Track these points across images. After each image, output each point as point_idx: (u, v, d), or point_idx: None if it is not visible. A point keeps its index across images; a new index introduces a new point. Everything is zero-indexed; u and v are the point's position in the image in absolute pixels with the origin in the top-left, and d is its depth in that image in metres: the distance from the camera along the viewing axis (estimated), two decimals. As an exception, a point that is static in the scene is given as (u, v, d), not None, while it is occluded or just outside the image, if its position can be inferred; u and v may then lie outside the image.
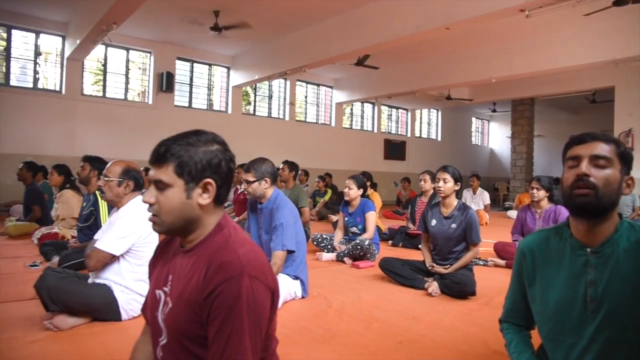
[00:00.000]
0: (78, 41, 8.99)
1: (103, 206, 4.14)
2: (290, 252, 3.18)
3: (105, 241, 2.65)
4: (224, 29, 8.94)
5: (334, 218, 7.54)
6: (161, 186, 1.25)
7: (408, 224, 6.59)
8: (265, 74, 11.06)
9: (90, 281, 2.80)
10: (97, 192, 4.23)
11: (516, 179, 15.88)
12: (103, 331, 2.64)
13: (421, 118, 18.65)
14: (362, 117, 16.37)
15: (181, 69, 11.84)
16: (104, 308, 2.68)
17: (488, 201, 9.85)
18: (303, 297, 3.47)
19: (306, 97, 14.63)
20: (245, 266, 1.18)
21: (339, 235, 5.33)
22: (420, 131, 18.57)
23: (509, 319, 1.77)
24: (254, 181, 3.35)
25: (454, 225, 3.82)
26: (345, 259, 4.93)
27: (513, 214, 11.07)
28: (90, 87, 11.14)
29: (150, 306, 1.38)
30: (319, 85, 14.67)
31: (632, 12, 7.88)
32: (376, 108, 16.51)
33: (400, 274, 3.99)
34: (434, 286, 3.70)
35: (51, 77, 10.50)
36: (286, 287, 3.28)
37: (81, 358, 2.33)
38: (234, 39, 9.74)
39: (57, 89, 10.35)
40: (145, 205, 2.73)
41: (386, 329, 2.86)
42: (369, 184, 6.87)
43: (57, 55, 10.46)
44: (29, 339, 2.50)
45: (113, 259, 2.70)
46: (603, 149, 1.42)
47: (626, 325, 1.38)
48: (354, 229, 5.21)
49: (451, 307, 3.40)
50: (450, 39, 9.62)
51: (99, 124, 10.47)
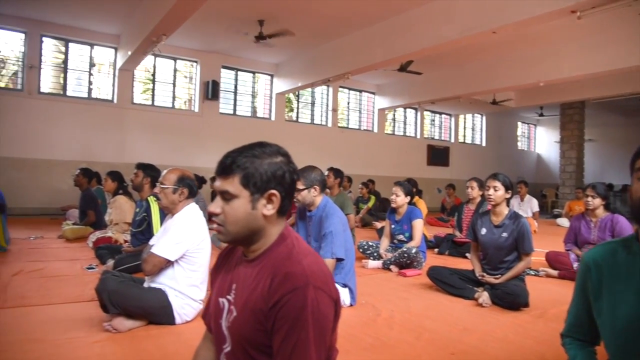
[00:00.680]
0: (129, 52, 9.35)
1: (155, 212, 4.27)
2: (339, 260, 3.19)
3: (161, 247, 2.73)
4: (267, 37, 9.09)
5: (378, 225, 7.50)
6: (227, 197, 1.28)
7: (454, 232, 6.48)
8: (308, 81, 11.15)
9: (145, 285, 2.89)
10: (150, 198, 4.38)
11: (565, 185, 15.32)
12: (159, 334, 2.71)
13: (465, 123, 18.32)
14: (404, 122, 16.24)
15: (226, 77, 12.10)
16: (159, 312, 2.77)
17: (536, 208, 9.55)
18: (351, 305, 3.46)
19: (348, 103, 14.65)
20: (309, 277, 1.20)
21: (385, 243, 5.30)
22: (464, 136, 18.24)
23: (572, 333, 1.70)
24: (303, 189, 3.38)
25: (505, 234, 3.73)
26: (392, 266, 4.89)
27: (563, 221, 10.70)
28: (139, 96, 11.53)
29: (213, 314, 1.42)
30: (361, 91, 14.66)
31: (692, 10, 7.50)
32: (419, 113, 16.34)
33: (450, 283, 3.92)
34: (484, 296, 3.61)
35: (104, 87, 10.95)
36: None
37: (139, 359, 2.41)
38: (277, 47, 9.87)
39: (110, 98, 10.79)
40: (199, 212, 2.80)
41: (437, 340, 2.82)
42: (414, 190, 6.79)
43: (109, 66, 10.92)
44: (91, 339, 2.61)
45: (168, 264, 2.78)
46: None
47: None
48: (400, 237, 5.17)
49: (503, 318, 3.32)
50: (496, 42, 9.42)
51: (147, 132, 10.83)
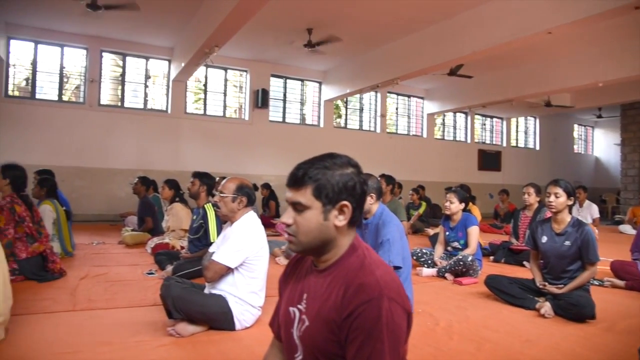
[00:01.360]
0: (183, 64, 9.67)
1: (212, 219, 4.38)
2: (396, 268, 3.16)
3: (221, 254, 2.80)
4: (316, 45, 9.18)
5: (430, 231, 7.39)
6: (299, 208, 1.30)
7: (510, 239, 6.29)
8: (357, 87, 11.16)
9: (206, 291, 2.96)
10: (206, 206, 4.49)
11: (628, 190, 14.58)
12: (220, 340, 2.77)
13: (517, 126, 17.77)
14: (454, 127, 15.94)
15: (275, 86, 12.30)
16: (220, 318, 2.83)
17: (597, 214, 9.14)
18: (408, 314, 3.41)
19: (397, 108, 14.54)
20: (383, 288, 1.20)
21: (439, 250, 5.21)
22: (517, 140, 17.69)
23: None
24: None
25: (567, 243, 3.58)
26: (447, 274, 4.79)
27: (625, 228, 10.19)
28: (191, 105, 11.90)
29: (283, 323, 1.44)
30: (409, 96, 14.52)
31: None
32: (469, 118, 16.00)
33: (509, 292, 3.80)
34: (546, 307, 3.48)
35: (158, 98, 11.37)
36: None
37: (202, 365, 2.47)
38: (325, 54, 9.94)
39: (164, 108, 11.19)
40: (257, 220, 2.85)
41: (499, 351, 2.74)
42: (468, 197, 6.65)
43: (163, 77, 11.34)
44: (156, 343, 2.70)
45: (228, 271, 2.84)
46: None
47: None
48: (455, 244, 5.07)
49: (568, 330, 3.18)
50: (550, 43, 9.10)
51: (199, 140, 11.14)
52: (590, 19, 6.30)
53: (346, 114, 13.76)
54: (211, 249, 3.08)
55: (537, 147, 18.08)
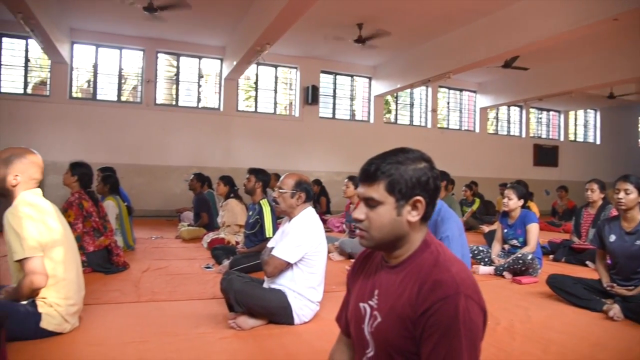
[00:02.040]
0: (234, 62, 9.84)
1: (267, 214, 4.44)
2: (456, 266, 3.10)
3: (281, 249, 2.83)
4: (366, 40, 9.13)
5: (485, 229, 7.21)
6: (372, 203, 1.29)
7: (572, 238, 6.03)
8: (408, 82, 11.01)
9: (265, 286, 3.01)
10: (262, 201, 4.56)
11: (698, 186, 13.65)
12: (280, 334, 2.81)
13: (576, 120, 16.99)
14: (508, 121, 15.44)
15: (325, 82, 12.32)
16: (280, 312, 2.87)
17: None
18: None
19: (448, 103, 14.24)
20: (460, 285, 1.18)
21: (496, 248, 5.07)
22: (575, 134, 16.91)
23: None
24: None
25: (638, 243, 3.40)
26: (505, 273, 4.65)
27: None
28: (242, 103, 12.11)
29: (354, 318, 1.43)
30: (461, 90, 14.18)
31: None
32: (524, 111, 15.45)
33: (573, 293, 3.64)
34: (615, 309, 3.30)
35: (210, 96, 11.64)
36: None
37: (264, 358, 2.51)
38: (375, 49, 9.86)
39: (216, 106, 11.45)
40: (316, 216, 2.86)
41: (567, 354, 2.63)
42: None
43: (215, 76, 11.59)
44: (218, 335, 2.77)
45: (287, 266, 2.87)
46: None
47: None
48: (513, 242, 4.91)
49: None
50: (615, 30, 8.63)
51: (251, 137, 11.33)
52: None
53: (396, 109, 13.61)
54: (270, 244, 3.12)
55: (598, 142, 17.20)
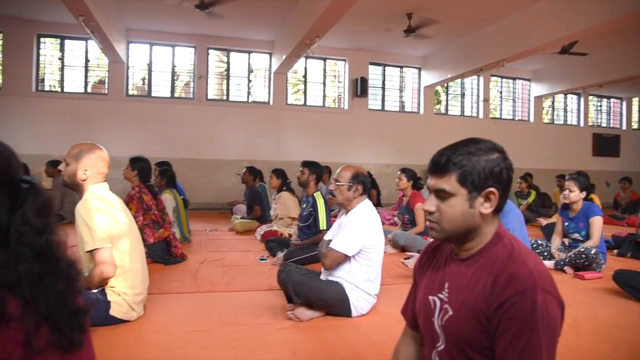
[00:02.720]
0: (284, 56, 9.91)
1: (321, 207, 4.46)
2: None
3: (339, 242, 2.84)
4: (416, 29, 8.97)
5: (543, 221, 6.95)
6: (443, 195, 1.27)
7: (638, 231, 5.73)
8: (459, 71, 10.74)
9: (322, 278, 3.02)
10: (316, 194, 4.58)
11: None
12: (338, 325, 2.82)
13: (640, 107, 16.09)
14: (565, 110, 14.79)
15: (374, 73, 12.21)
16: (337, 304, 2.87)
17: None
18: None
19: (501, 92, 13.80)
20: (537, 279, 1.15)
21: (556, 242, 4.88)
22: (639, 122, 16.01)
23: None
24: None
25: None
26: (566, 267, 4.48)
27: None
28: (291, 96, 12.19)
29: (423, 312, 1.41)
30: (515, 79, 13.69)
31: None
32: (582, 99, 14.74)
33: (643, 289, 3.46)
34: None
35: (260, 91, 11.79)
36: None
37: (324, 349, 2.53)
38: (425, 39, 9.67)
39: (266, 100, 11.58)
40: (373, 208, 2.84)
41: (639, 354, 2.51)
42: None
43: (265, 70, 11.71)
44: (277, 326, 2.81)
45: (345, 258, 2.87)
46: None
47: None
48: (575, 236, 4.71)
49: None
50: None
51: (300, 130, 11.40)
52: None
53: (447, 100, 13.32)
54: (326, 237, 3.13)
55: (664, 130, 16.24)
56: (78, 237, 2.67)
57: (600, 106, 15.42)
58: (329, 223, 4.53)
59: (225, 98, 11.38)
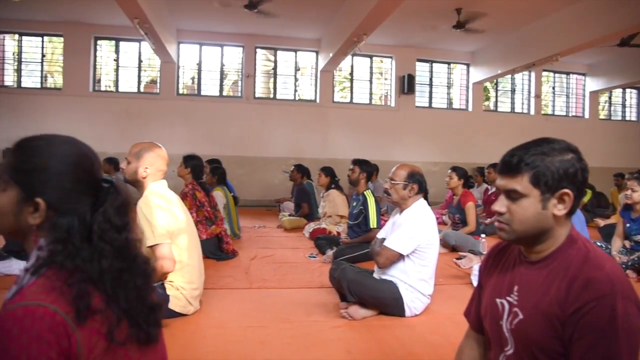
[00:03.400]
0: (331, 54, 9.91)
1: (372, 206, 4.44)
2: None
3: (394, 240, 2.82)
4: (465, 24, 8.78)
5: (601, 222, 6.66)
6: (514, 196, 1.25)
7: None
8: (509, 67, 10.41)
9: (375, 276, 3.01)
10: (366, 192, 4.56)
11: None
12: (391, 325, 2.81)
13: None
14: (623, 105, 14.06)
15: (421, 70, 12.02)
16: (391, 303, 2.86)
17: None
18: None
19: (553, 87, 13.29)
20: (616, 285, 1.11)
21: (617, 244, 4.66)
22: None
23: None
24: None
25: None
26: (628, 271, 4.27)
27: None
28: (337, 94, 12.19)
29: (489, 314, 1.39)
30: (568, 73, 13.15)
31: None
32: (642, 94, 14.03)
33: None
34: None
35: (306, 89, 11.84)
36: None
37: (379, 348, 2.52)
38: (474, 34, 9.46)
39: (312, 98, 11.62)
40: (428, 208, 2.80)
41: None
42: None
43: (311, 68, 11.76)
44: (330, 324, 2.82)
45: (399, 257, 2.85)
46: None
47: None
48: (638, 238, 4.49)
49: None
50: None
51: (346, 128, 11.36)
52: None
53: (496, 96, 12.95)
54: (379, 235, 3.12)
55: None
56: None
57: (662, 101, 14.60)
58: (379, 221, 4.51)
59: (272, 96, 11.50)
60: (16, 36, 10.54)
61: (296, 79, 11.68)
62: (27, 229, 1.05)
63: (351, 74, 11.90)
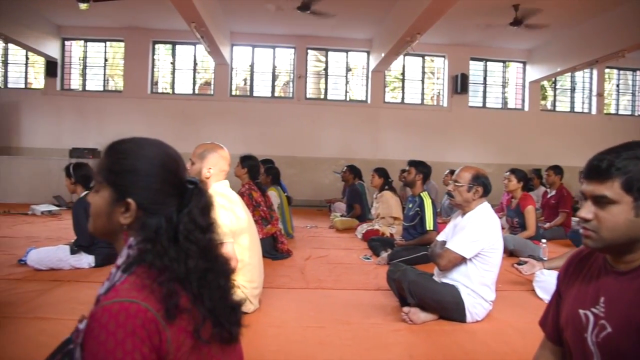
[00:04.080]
0: (382, 54, 9.84)
1: (428, 207, 4.37)
2: None
3: (457, 243, 2.76)
4: (522, 20, 8.50)
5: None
6: (603, 202, 1.18)
7: None
8: (569, 64, 9.98)
9: (436, 279, 2.96)
10: (423, 194, 4.50)
11: None
12: (452, 330, 2.75)
13: None
14: (694, 103, 13.26)
15: (474, 69, 11.73)
16: (452, 307, 2.80)
17: None
18: None
19: (618, 85, 12.64)
20: None
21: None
22: None
23: None
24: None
25: None
26: None
27: None
28: (388, 94, 12.08)
29: (572, 326, 1.32)
30: (634, 70, 12.47)
31: None
32: None
33: None
34: None
35: (357, 89, 11.81)
36: None
37: (440, 353, 2.47)
38: (531, 31, 9.13)
39: (363, 99, 11.57)
40: (492, 211, 2.72)
41: None
42: None
43: (362, 69, 11.72)
44: (390, 327, 2.79)
45: (462, 261, 2.79)
46: None
47: None
48: None
49: None
50: None
51: (398, 129, 11.25)
52: None
53: (554, 95, 12.45)
54: (439, 238, 3.06)
55: None
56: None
57: None
58: (435, 223, 4.43)
59: (323, 97, 11.54)
60: (81, 42, 11.12)
61: (347, 80, 11.68)
62: (119, 228, 1.09)
63: (402, 73, 11.77)
